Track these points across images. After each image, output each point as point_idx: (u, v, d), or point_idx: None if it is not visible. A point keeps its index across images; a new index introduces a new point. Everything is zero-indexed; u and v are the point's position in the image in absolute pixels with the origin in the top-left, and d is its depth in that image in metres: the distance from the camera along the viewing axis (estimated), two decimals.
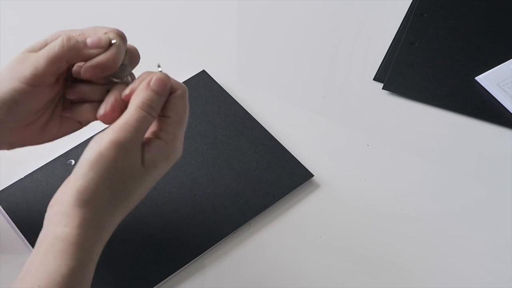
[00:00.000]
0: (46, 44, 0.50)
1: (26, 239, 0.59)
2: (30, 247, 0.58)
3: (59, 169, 0.64)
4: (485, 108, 0.72)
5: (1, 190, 0.62)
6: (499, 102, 0.72)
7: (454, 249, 0.60)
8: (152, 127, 0.50)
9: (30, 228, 0.59)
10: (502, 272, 0.59)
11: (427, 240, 0.61)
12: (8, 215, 0.61)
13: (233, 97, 0.71)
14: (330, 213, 0.63)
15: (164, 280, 0.57)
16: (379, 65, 0.77)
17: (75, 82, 0.52)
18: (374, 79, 0.75)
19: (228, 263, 0.59)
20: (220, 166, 0.64)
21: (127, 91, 0.50)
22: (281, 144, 0.66)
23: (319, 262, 0.59)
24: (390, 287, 0.58)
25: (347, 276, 0.59)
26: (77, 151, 0.65)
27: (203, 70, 0.73)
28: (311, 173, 0.64)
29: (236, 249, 0.60)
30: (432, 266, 0.59)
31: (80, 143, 0.65)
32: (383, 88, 0.74)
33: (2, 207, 0.61)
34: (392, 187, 0.65)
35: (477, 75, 0.75)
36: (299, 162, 0.65)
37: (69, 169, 0.62)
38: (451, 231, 0.62)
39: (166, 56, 0.78)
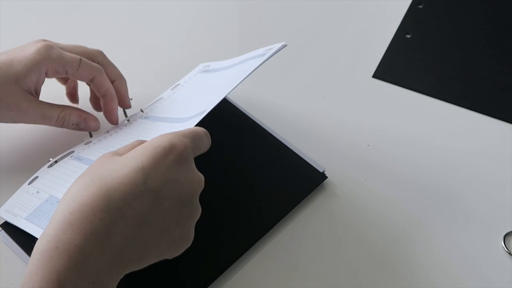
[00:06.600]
0: None
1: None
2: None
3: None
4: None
5: None
6: None
7: (453, 248, 0.61)
8: None
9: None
10: (502, 272, 0.59)
11: (428, 239, 0.61)
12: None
13: (233, 101, 0.71)
14: (328, 213, 0.63)
15: None
16: (378, 63, 0.77)
17: None
18: (373, 76, 0.76)
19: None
20: (232, 179, 0.62)
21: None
22: (290, 149, 0.65)
23: (319, 262, 0.60)
24: (392, 287, 0.58)
25: (348, 276, 0.59)
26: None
27: None
28: (325, 175, 0.64)
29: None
30: (433, 265, 0.60)
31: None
32: (373, 76, 0.75)
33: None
34: (392, 187, 0.65)
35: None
36: (311, 165, 0.64)
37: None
38: (450, 230, 0.62)
39: (168, 59, 0.78)
